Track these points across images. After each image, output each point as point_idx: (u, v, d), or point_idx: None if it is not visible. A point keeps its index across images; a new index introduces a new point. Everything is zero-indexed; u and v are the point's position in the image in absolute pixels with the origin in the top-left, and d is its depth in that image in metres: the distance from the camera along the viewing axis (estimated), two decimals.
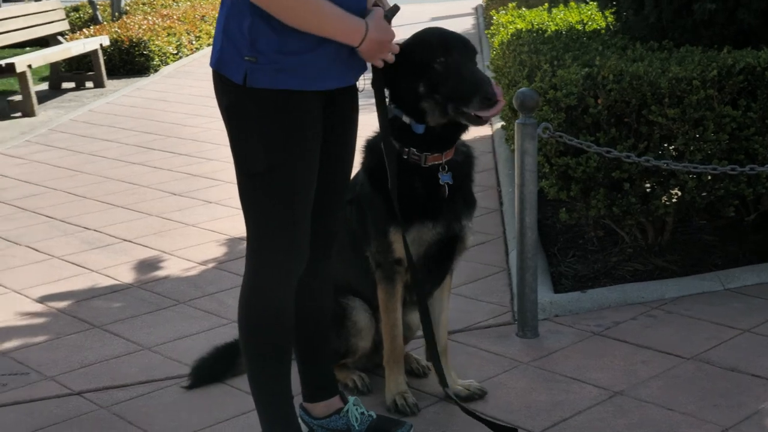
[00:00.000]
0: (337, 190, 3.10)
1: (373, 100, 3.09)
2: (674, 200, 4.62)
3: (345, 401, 3.33)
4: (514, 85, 5.08)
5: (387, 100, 3.20)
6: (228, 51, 2.79)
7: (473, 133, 7.85)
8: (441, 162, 3.32)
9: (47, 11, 12.62)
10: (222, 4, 2.86)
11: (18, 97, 10.88)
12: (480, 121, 3.21)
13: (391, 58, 2.96)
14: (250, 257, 2.94)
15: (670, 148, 4.44)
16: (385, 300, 3.45)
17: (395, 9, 2.98)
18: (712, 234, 5.09)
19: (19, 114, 10.72)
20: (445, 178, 3.33)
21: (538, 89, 4.48)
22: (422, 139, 3.28)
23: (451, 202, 3.37)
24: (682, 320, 4.17)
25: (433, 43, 3.22)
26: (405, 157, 3.29)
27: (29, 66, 10.72)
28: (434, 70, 3.18)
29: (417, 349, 3.93)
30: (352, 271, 3.51)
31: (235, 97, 2.80)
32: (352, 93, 3.03)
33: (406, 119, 3.27)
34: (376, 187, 3.33)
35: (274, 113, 2.78)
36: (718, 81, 4.38)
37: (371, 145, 3.44)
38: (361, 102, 3.09)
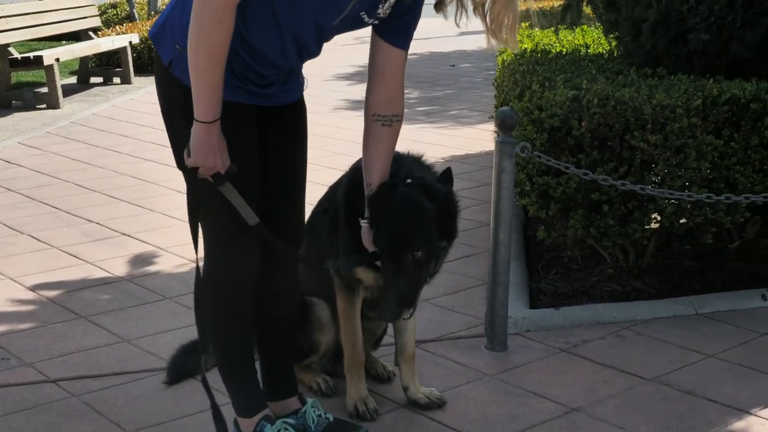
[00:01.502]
0: (289, 199, 3.21)
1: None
2: (654, 225, 4.69)
3: (303, 402, 3.44)
4: (507, 103, 5.17)
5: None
6: (167, 31, 2.95)
7: (477, 148, 7.95)
8: None
9: (80, 7, 12.83)
10: None
11: (44, 89, 11.10)
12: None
13: (204, 174, 2.89)
14: (204, 250, 3.12)
15: (651, 173, 4.51)
16: (345, 308, 3.55)
17: (232, 169, 2.95)
18: (693, 259, 5.14)
19: (44, 106, 10.95)
20: None
21: (524, 109, 4.57)
22: None
23: None
24: (649, 342, 4.24)
25: (389, 225, 3.21)
26: None
27: (57, 60, 10.94)
28: (380, 252, 3.24)
29: (385, 356, 4.02)
30: (316, 274, 3.61)
31: (162, 75, 2.98)
32: (298, 108, 3.15)
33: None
34: (353, 219, 3.36)
35: None
36: (702, 110, 4.44)
37: (357, 172, 3.45)
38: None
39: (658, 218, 4.66)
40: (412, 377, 3.70)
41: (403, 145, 3.41)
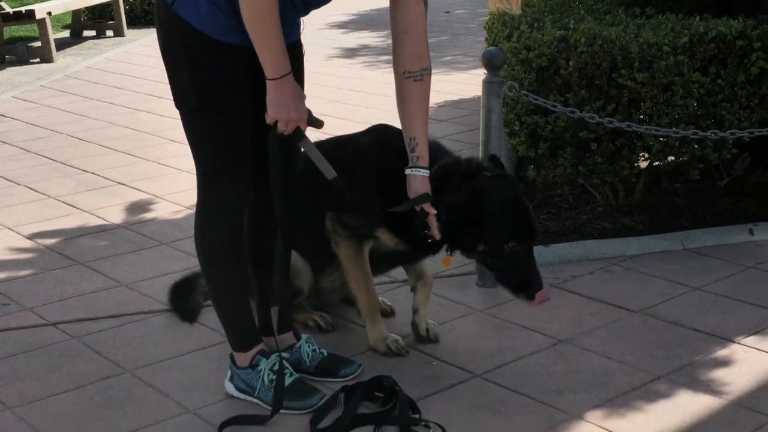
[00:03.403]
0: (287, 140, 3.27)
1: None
2: (643, 163, 4.75)
3: (298, 338, 3.52)
4: (496, 45, 5.20)
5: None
6: None
7: (470, 93, 7.97)
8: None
9: None
10: None
11: (37, 44, 11.10)
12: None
13: (288, 130, 3.03)
14: (198, 187, 3.18)
15: (639, 111, 4.56)
16: (353, 256, 3.57)
17: (319, 122, 3.10)
18: (682, 197, 5.21)
19: (37, 60, 10.96)
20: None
21: (512, 49, 4.61)
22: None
23: None
24: (637, 276, 4.32)
25: (515, 222, 3.31)
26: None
27: (49, 13, 10.92)
28: (501, 248, 3.30)
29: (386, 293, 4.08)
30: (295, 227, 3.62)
31: (164, 17, 3.02)
32: (295, 50, 3.19)
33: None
34: (383, 183, 3.45)
35: (198, 52, 2.99)
36: (689, 48, 4.49)
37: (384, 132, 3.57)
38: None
39: (647, 156, 4.72)
40: (425, 302, 3.77)
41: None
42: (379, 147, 3.56)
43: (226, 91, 3.04)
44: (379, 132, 3.64)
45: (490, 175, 3.38)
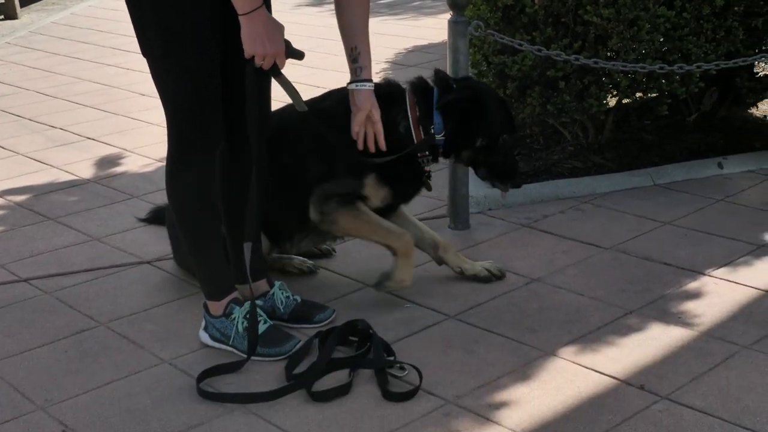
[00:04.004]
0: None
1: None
2: (611, 100, 4.75)
3: (271, 285, 3.52)
4: None
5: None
6: None
7: (439, 38, 7.92)
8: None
9: None
10: None
11: (1, 0, 10.94)
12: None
13: (266, 65, 3.02)
14: (169, 136, 3.16)
15: (605, 48, 4.55)
16: (356, 215, 3.52)
17: (299, 54, 3.12)
18: (652, 133, 5.22)
19: (1, 17, 10.80)
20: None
21: None
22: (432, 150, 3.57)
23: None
24: (608, 213, 4.34)
25: (508, 117, 3.64)
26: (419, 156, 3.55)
27: None
28: (497, 140, 3.56)
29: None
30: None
31: None
32: None
33: (438, 138, 3.52)
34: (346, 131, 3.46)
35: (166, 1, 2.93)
36: None
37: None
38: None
39: (615, 93, 4.72)
40: (460, 258, 3.79)
41: None
42: (341, 104, 3.51)
43: (193, 36, 3.00)
44: (341, 90, 3.57)
45: (468, 79, 3.71)
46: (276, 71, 3.08)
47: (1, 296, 3.84)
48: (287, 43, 3.06)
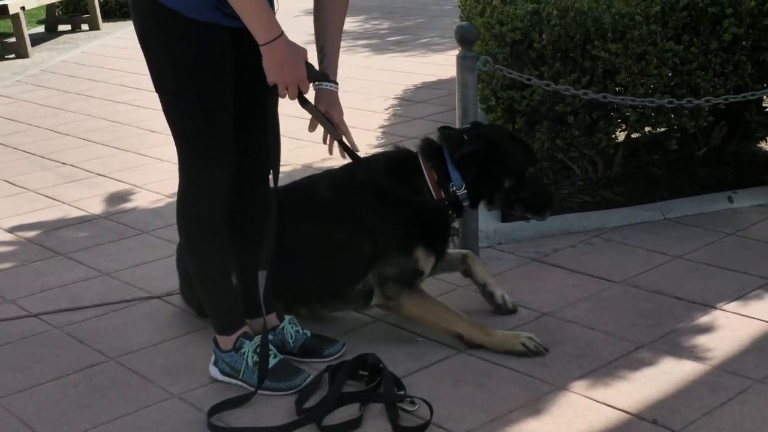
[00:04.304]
0: (261, 120, 3.26)
1: None
2: (621, 135, 4.76)
3: (281, 319, 3.52)
4: (470, 20, 5.19)
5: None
6: None
7: (447, 74, 7.95)
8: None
9: None
10: None
11: (12, 39, 11.03)
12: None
13: (292, 95, 3.05)
14: (180, 168, 3.17)
15: (613, 83, 4.56)
16: (420, 302, 3.52)
17: (323, 75, 3.18)
18: (661, 168, 5.22)
19: (12, 55, 10.89)
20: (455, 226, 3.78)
21: (485, 24, 4.61)
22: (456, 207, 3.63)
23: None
24: (618, 247, 4.33)
25: (527, 150, 3.72)
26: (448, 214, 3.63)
27: (22, 8, 10.85)
28: (524, 175, 3.62)
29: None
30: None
31: (139, 1, 3.00)
32: None
33: (462, 194, 3.57)
34: (391, 206, 3.53)
35: (174, 33, 2.96)
36: (661, 17, 4.49)
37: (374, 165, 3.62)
38: None
39: (624, 128, 4.73)
40: (487, 272, 3.82)
41: (374, 76, 3.46)
42: (367, 179, 3.56)
43: (206, 71, 3.02)
44: (354, 168, 3.59)
45: (477, 125, 3.76)
46: (302, 99, 3.10)
47: (12, 331, 3.84)
48: (310, 67, 3.06)
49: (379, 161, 3.68)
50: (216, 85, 3.04)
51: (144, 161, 6.24)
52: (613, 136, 4.69)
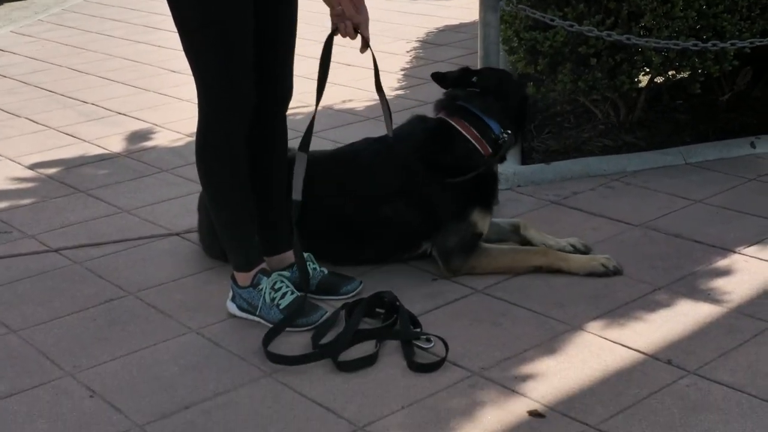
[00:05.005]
0: (280, 56, 3.26)
1: None
2: (643, 77, 4.71)
3: None
4: None
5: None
6: None
7: (470, 17, 7.86)
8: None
9: None
10: None
11: None
12: None
13: (353, 35, 3.17)
14: (200, 108, 3.17)
15: (639, 25, 4.50)
16: (485, 259, 3.57)
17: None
18: (684, 113, 5.17)
19: None
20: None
21: None
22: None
23: None
24: (638, 191, 4.31)
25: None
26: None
27: None
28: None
29: None
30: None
31: None
32: None
33: (503, 138, 3.63)
34: (439, 174, 3.55)
35: None
36: None
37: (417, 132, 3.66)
38: None
39: (647, 71, 4.68)
40: (542, 236, 3.79)
41: (396, 18, 3.44)
42: (412, 153, 3.59)
43: (228, 7, 3.01)
44: (393, 143, 3.60)
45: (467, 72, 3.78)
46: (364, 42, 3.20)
47: (32, 266, 3.87)
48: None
49: (416, 134, 3.65)
50: (237, 21, 3.02)
51: (165, 100, 6.23)
52: (636, 79, 4.64)
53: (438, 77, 3.75)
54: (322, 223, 3.57)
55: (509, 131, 3.63)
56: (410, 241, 3.64)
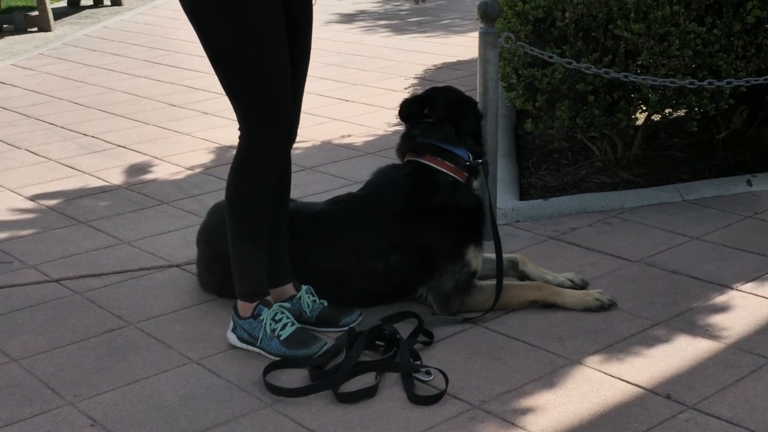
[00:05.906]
0: (300, 83, 3.35)
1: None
2: (641, 115, 4.75)
3: (298, 289, 3.55)
4: None
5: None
6: None
7: (468, 55, 7.94)
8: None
9: None
10: None
11: (35, 13, 11.08)
12: None
13: None
14: (241, 140, 3.22)
15: (636, 63, 4.56)
16: (480, 295, 3.59)
17: None
18: (681, 150, 5.22)
19: (35, 29, 10.94)
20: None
21: (508, 1, 4.62)
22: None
23: None
24: (636, 227, 4.34)
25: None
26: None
27: None
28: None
29: None
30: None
31: None
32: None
33: (474, 161, 3.67)
34: (431, 216, 3.59)
35: (229, 3, 3.02)
36: None
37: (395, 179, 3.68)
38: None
39: (645, 108, 4.73)
40: (540, 271, 3.82)
41: (394, 56, 3.49)
42: (392, 202, 3.62)
43: (264, 39, 3.07)
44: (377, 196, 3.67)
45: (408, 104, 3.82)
46: None
47: (33, 295, 3.89)
48: None
49: (397, 183, 3.65)
50: (275, 52, 3.08)
51: (164, 134, 6.27)
52: (634, 117, 4.69)
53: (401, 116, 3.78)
54: (316, 280, 3.59)
55: (479, 159, 3.66)
56: (405, 289, 3.65)
